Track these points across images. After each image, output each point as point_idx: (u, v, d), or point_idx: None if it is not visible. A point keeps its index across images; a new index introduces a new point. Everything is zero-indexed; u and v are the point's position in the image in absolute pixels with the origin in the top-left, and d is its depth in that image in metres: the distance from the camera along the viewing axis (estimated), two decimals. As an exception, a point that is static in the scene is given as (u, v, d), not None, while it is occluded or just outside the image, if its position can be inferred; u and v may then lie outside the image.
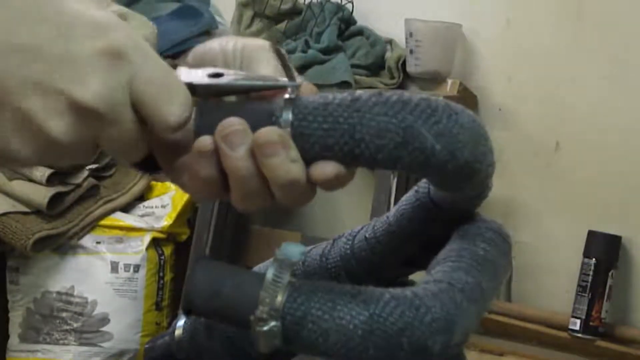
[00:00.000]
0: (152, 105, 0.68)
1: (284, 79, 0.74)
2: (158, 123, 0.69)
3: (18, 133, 0.67)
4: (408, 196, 0.88)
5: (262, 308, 0.70)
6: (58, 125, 0.67)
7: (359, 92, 0.73)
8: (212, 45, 0.81)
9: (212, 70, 0.74)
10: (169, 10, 0.92)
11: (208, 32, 0.89)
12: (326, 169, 0.72)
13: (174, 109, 0.69)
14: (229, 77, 0.73)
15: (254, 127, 0.71)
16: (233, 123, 0.71)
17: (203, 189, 0.75)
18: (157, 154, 0.75)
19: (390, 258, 0.89)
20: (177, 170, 0.75)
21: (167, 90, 0.69)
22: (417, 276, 0.86)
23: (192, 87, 0.71)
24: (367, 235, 0.89)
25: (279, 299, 0.70)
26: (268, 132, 0.71)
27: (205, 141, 0.72)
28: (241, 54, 0.80)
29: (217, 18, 1.49)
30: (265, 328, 0.70)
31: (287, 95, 0.73)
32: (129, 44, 0.68)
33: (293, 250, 0.72)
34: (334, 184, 0.73)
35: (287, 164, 0.71)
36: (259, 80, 0.74)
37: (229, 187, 0.73)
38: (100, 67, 0.67)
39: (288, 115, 0.71)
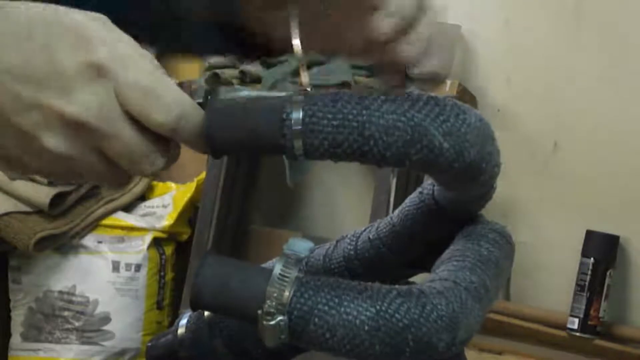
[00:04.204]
0: (140, 110, 0.71)
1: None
2: (153, 126, 0.71)
3: (21, 148, 0.71)
4: (412, 197, 0.88)
5: (269, 303, 0.70)
6: (53, 139, 0.70)
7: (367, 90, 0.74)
8: None
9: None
10: None
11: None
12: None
13: (162, 109, 0.71)
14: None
15: (265, 124, 0.72)
16: None
17: None
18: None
19: (394, 259, 0.89)
20: None
21: (151, 93, 0.70)
22: (419, 278, 0.87)
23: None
24: (370, 237, 0.90)
25: (286, 293, 0.70)
26: None
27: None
28: None
29: None
30: (272, 323, 0.70)
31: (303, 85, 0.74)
32: (109, 56, 0.70)
33: (301, 245, 0.72)
34: None
35: None
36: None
37: None
38: (84, 81, 0.69)
39: (299, 113, 0.72)
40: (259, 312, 0.71)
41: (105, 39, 0.70)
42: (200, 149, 0.74)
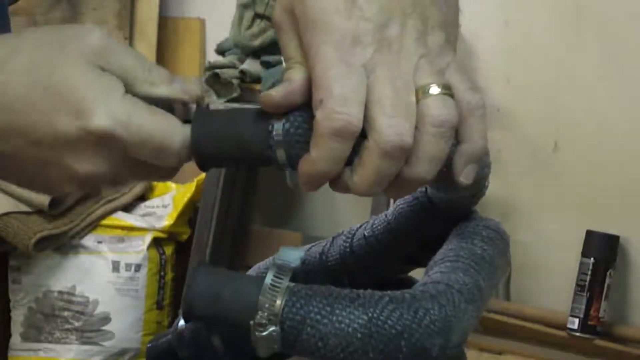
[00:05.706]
0: (152, 161, 0.73)
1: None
2: (167, 166, 0.74)
3: (48, 190, 0.76)
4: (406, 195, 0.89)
5: (261, 313, 0.70)
6: (73, 187, 0.74)
7: None
8: None
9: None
10: None
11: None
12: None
13: (173, 155, 0.73)
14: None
15: (251, 135, 0.72)
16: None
17: None
18: None
19: (389, 256, 0.89)
20: None
21: (160, 147, 0.72)
22: (416, 273, 0.87)
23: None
24: (366, 234, 0.89)
25: (278, 303, 0.70)
26: None
27: None
28: None
29: None
30: (265, 333, 0.70)
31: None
32: (109, 121, 0.71)
33: (292, 255, 0.72)
34: None
35: None
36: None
37: None
38: (88, 145, 0.71)
39: (281, 124, 0.72)
40: (251, 322, 0.71)
41: (102, 101, 0.71)
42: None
